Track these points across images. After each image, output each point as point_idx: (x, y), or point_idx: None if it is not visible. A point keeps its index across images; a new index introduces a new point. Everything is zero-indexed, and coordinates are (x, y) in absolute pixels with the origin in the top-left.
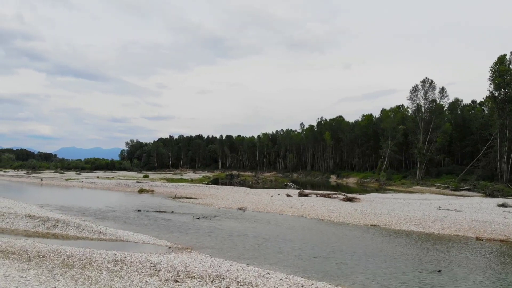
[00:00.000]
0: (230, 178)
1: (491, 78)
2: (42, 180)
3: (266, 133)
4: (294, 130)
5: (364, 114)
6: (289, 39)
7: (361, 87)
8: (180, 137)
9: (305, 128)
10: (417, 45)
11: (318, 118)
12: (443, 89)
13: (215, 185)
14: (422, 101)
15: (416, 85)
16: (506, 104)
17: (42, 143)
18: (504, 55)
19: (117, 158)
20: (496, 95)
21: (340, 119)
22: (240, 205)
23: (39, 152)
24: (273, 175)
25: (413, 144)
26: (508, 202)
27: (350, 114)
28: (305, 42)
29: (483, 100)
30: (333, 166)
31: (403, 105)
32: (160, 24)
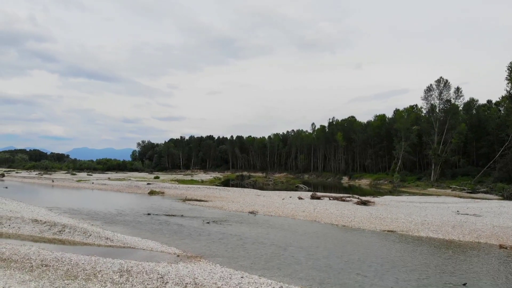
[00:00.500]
0: (240, 179)
1: (508, 77)
2: (53, 182)
3: (277, 133)
4: (305, 131)
5: (377, 114)
6: (299, 39)
7: (372, 87)
8: (191, 137)
9: (316, 128)
10: (429, 44)
11: (329, 119)
12: (458, 89)
13: (226, 187)
14: (437, 101)
15: (431, 84)
16: None
17: (55, 143)
18: None
19: (129, 158)
20: None
21: (352, 120)
22: (251, 209)
23: (51, 152)
24: (284, 176)
25: (428, 145)
26: None
27: (362, 114)
28: (316, 42)
29: (499, 100)
30: (345, 167)
31: (416, 105)
32: (171, 25)
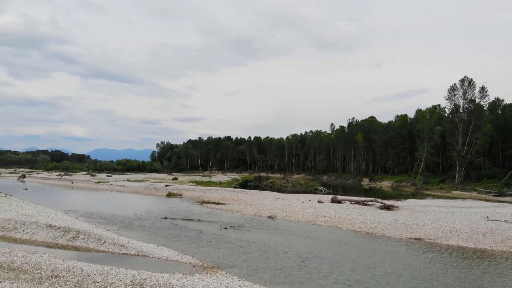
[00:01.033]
0: (258, 181)
1: None
2: (72, 183)
3: (295, 134)
4: (324, 131)
5: (397, 114)
6: (318, 39)
7: (391, 86)
8: (209, 138)
9: (335, 129)
10: (450, 43)
11: (349, 119)
12: (483, 88)
13: (243, 189)
14: (461, 101)
15: (454, 84)
16: None
17: (76, 144)
18: None
19: (148, 159)
20: None
21: (372, 120)
22: (270, 213)
23: (73, 153)
24: (303, 178)
25: (451, 146)
26: None
27: (381, 115)
28: (335, 41)
29: None
30: (365, 168)
31: (439, 105)
32: (190, 27)
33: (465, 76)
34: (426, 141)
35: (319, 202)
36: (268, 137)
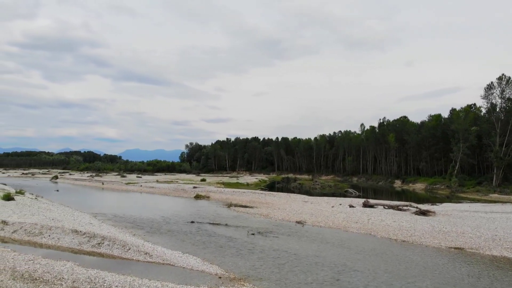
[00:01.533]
0: (286, 182)
1: None
2: (103, 184)
3: (323, 134)
4: (353, 132)
5: (430, 114)
6: (347, 38)
7: (422, 85)
8: (237, 139)
9: (365, 129)
10: (482, 41)
11: (380, 119)
12: None
13: (271, 192)
14: (498, 99)
15: (491, 82)
16: None
17: (108, 145)
18: None
19: (178, 159)
20: None
21: (404, 120)
22: (299, 218)
23: (105, 154)
24: (331, 179)
25: (488, 147)
26: None
27: (413, 114)
28: (364, 40)
29: None
30: (397, 170)
31: (475, 104)
32: (218, 28)
33: (503, 74)
34: (461, 141)
35: (350, 206)
36: (296, 137)
